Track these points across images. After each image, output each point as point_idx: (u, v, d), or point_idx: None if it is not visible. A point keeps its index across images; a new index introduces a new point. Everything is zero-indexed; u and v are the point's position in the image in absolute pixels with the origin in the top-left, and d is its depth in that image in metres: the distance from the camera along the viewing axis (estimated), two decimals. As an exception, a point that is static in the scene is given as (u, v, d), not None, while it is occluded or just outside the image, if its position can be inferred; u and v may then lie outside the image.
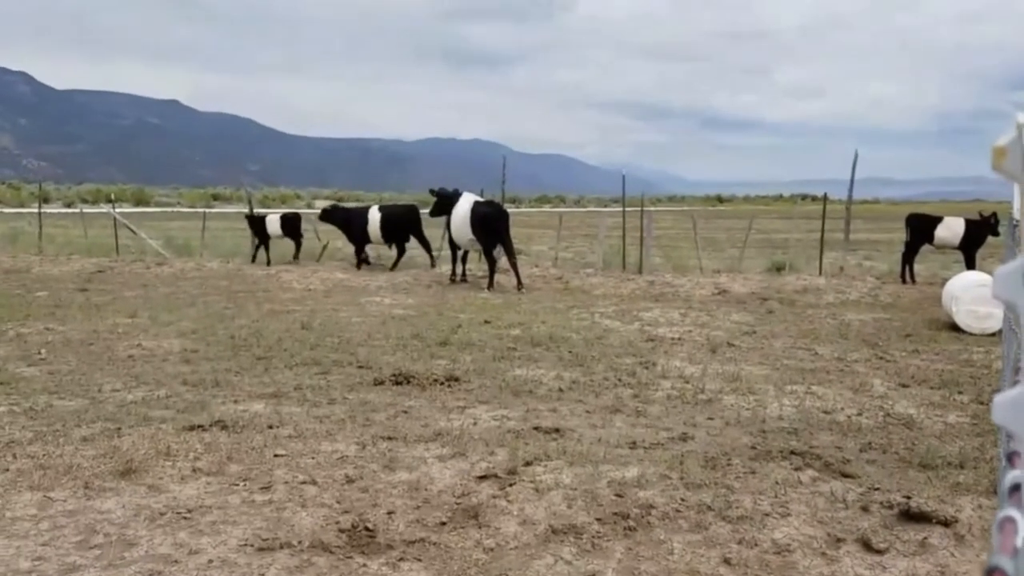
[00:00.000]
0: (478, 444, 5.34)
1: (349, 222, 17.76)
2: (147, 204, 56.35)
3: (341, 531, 3.95)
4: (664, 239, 26.14)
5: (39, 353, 8.20)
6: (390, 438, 5.46)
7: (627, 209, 19.37)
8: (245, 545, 3.78)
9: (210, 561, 3.62)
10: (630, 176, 19.22)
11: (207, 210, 26.14)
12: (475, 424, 5.86)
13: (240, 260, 18.40)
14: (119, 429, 5.54)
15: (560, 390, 6.96)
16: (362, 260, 17.71)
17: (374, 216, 17.42)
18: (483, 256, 16.06)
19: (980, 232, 15.23)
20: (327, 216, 18.21)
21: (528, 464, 4.88)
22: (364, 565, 3.63)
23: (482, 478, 4.69)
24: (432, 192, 16.43)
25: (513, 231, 15.73)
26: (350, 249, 20.63)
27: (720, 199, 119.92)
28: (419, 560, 3.69)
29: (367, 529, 3.96)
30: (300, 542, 3.82)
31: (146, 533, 3.92)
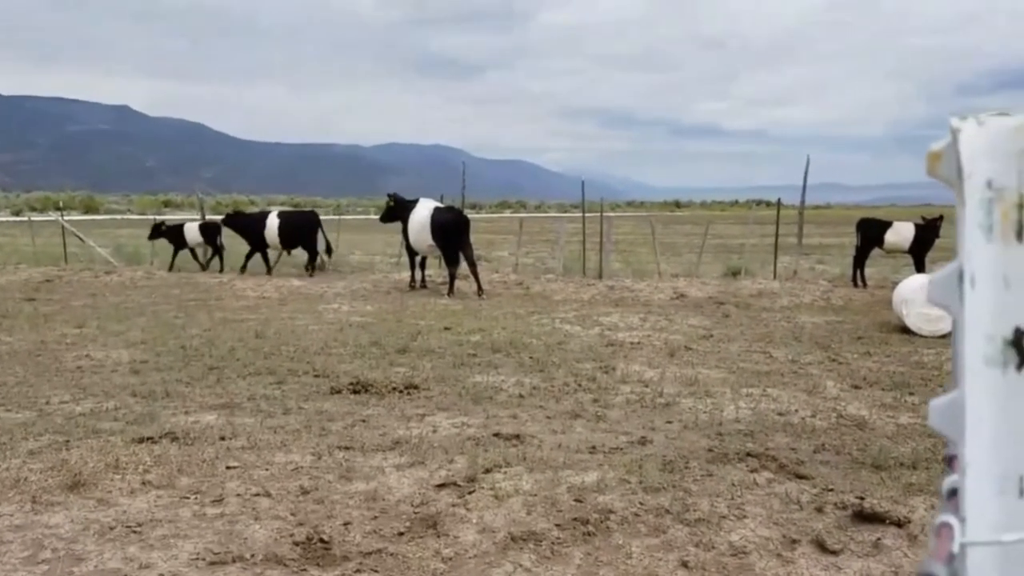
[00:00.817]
0: (437, 452, 5.29)
1: (247, 228, 17.69)
2: (97, 211, 55.18)
3: (296, 544, 3.87)
4: (624, 244, 26.33)
5: (-17, 365, 7.96)
6: (347, 448, 5.39)
7: (587, 215, 19.47)
8: (197, 559, 3.69)
9: (161, 575, 3.54)
10: (596, 183, 19.49)
11: (158, 217, 25.66)
12: (434, 432, 5.81)
13: (193, 268, 18.10)
14: (67, 442, 5.39)
15: (520, 396, 6.94)
16: (261, 267, 17.77)
17: (272, 222, 17.40)
18: (443, 262, 16.02)
19: (928, 236, 15.60)
20: (228, 222, 18.07)
21: (488, 471, 4.85)
22: (319, 577, 3.56)
23: (441, 486, 4.65)
24: (389, 197, 16.40)
25: (474, 237, 15.73)
26: (304, 257, 20.42)
27: (678, 204, 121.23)
28: (376, 571, 3.63)
29: (322, 541, 3.90)
30: (253, 555, 3.74)
31: (95, 548, 3.81)
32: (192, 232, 18.05)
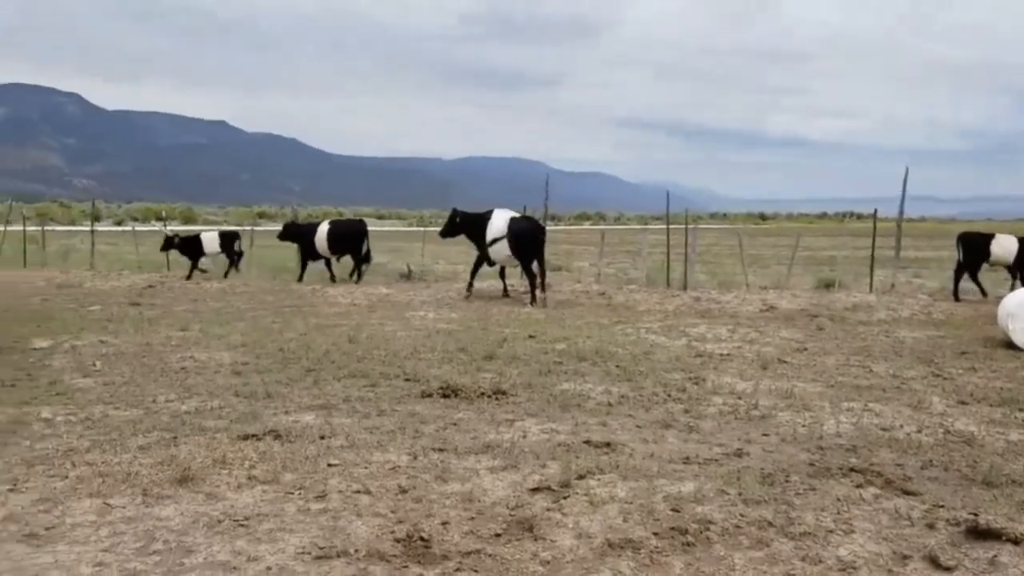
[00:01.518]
0: (529, 457, 5.31)
1: (301, 237, 18.15)
2: (195, 222, 57.46)
3: (397, 540, 3.94)
4: (707, 256, 25.93)
5: (94, 365, 8.35)
6: (441, 449, 5.45)
7: (671, 226, 19.29)
8: (303, 553, 3.79)
9: (269, 568, 3.63)
10: (674, 195, 19.14)
11: (253, 228, 26.56)
12: (524, 437, 5.83)
13: (288, 276, 18.62)
14: (175, 438, 5.61)
15: (609, 404, 6.91)
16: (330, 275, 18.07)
17: (322, 230, 17.83)
18: (521, 272, 16.07)
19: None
20: (285, 233, 18.63)
21: (581, 477, 4.84)
22: (421, 574, 3.61)
23: (535, 490, 4.66)
24: (454, 211, 16.42)
25: (555, 248, 15.77)
26: (394, 265, 20.80)
27: (763, 216, 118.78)
28: (475, 571, 3.66)
29: (422, 539, 3.95)
30: (356, 551, 3.81)
31: (204, 540, 3.94)
32: (211, 241, 18.53)
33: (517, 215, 15.77)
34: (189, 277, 18.18)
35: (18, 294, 15.16)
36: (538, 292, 14.92)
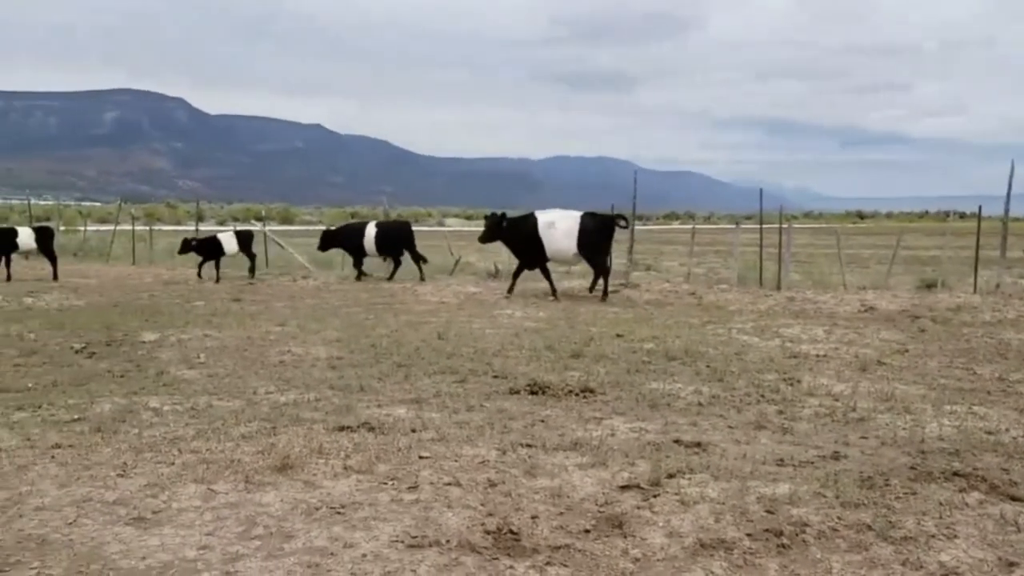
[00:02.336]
0: (617, 455, 5.29)
1: (349, 238, 18.58)
2: (292, 222, 59.28)
3: (487, 533, 3.99)
4: (801, 256, 25.23)
5: (198, 357, 8.72)
6: (529, 445, 5.49)
7: (764, 226, 18.86)
8: (396, 541, 3.88)
9: (364, 555, 3.73)
10: (767, 193, 18.68)
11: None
12: (613, 435, 5.81)
13: (380, 274, 19.02)
14: (274, 428, 5.82)
15: (699, 404, 6.82)
16: (360, 273, 18.39)
17: (370, 231, 18.17)
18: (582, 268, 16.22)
19: None
20: (332, 234, 19.17)
21: (671, 476, 4.80)
22: (511, 567, 3.65)
23: (624, 488, 4.64)
24: (498, 216, 16.02)
25: (643, 248, 15.67)
26: (483, 264, 21.01)
27: (861, 216, 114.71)
28: (565, 566, 3.67)
29: (512, 532, 3.99)
30: (448, 541, 3.88)
31: (303, 526, 4.08)
32: (229, 242, 18.84)
33: (577, 212, 15.68)
34: (199, 276, 18.43)
35: (128, 290, 15.96)
36: (608, 292, 15.22)
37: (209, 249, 18.76)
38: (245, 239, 19.19)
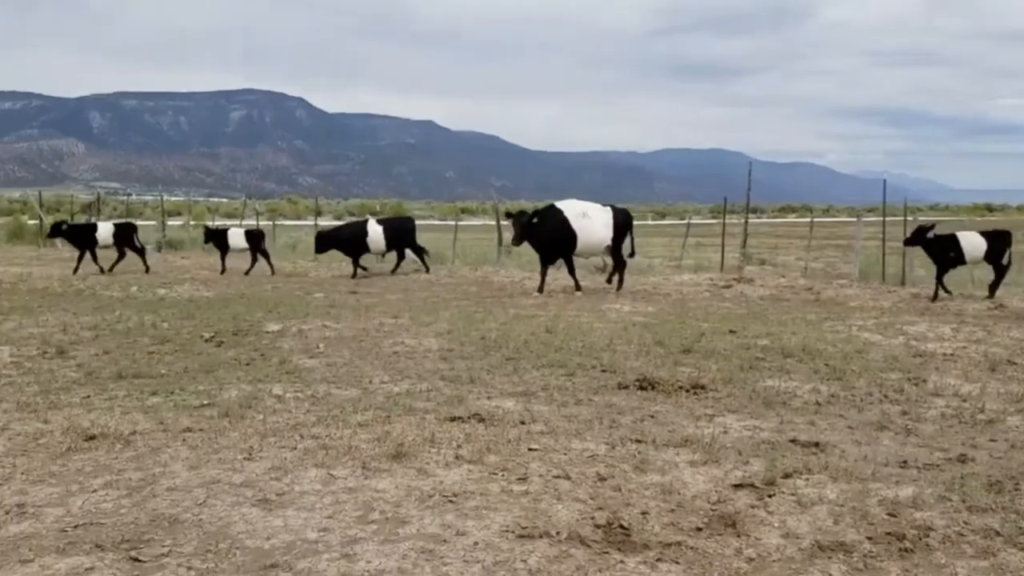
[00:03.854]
0: (730, 453, 5.19)
1: (341, 241, 18.68)
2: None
3: (597, 526, 3.99)
4: (928, 249, 23.99)
5: (318, 347, 9.05)
6: (638, 440, 5.45)
7: (887, 218, 18.06)
8: (507, 531, 3.93)
9: (476, 543, 3.80)
10: (889, 184, 17.87)
11: (457, 222, 27.71)
12: (725, 432, 5.70)
13: (488, 268, 19.25)
14: (389, 417, 5.98)
15: (817, 403, 6.60)
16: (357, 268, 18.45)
17: (374, 230, 18.34)
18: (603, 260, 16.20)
19: None
20: (329, 234, 19.28)
21: (788, 476, 4.67)
22: (621, 561, 3.64)
23: (738, 487, 4.55)
24: (521, 215, 15.27)
25: (757, 241, 15.28)
26: (584, 260, 20.94)
27: (990, 208, 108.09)
28: (677, 563, 3.63)
29: (622, 527, 3.98)
30: (558, 533, 3.90)
31: (417, 513, 4.18)
32: (236, 238, 19.01)
33: (596, 204, 15.53)
34: (223, 271, 18.70)
35: (252, 282, 16.71)
36: (623, 282, 15.39)
37: (219, 241, 19.45)
38: (255, 238, 19.71)
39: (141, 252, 18.88)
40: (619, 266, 15.54)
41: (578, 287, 15.12)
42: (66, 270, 18.16)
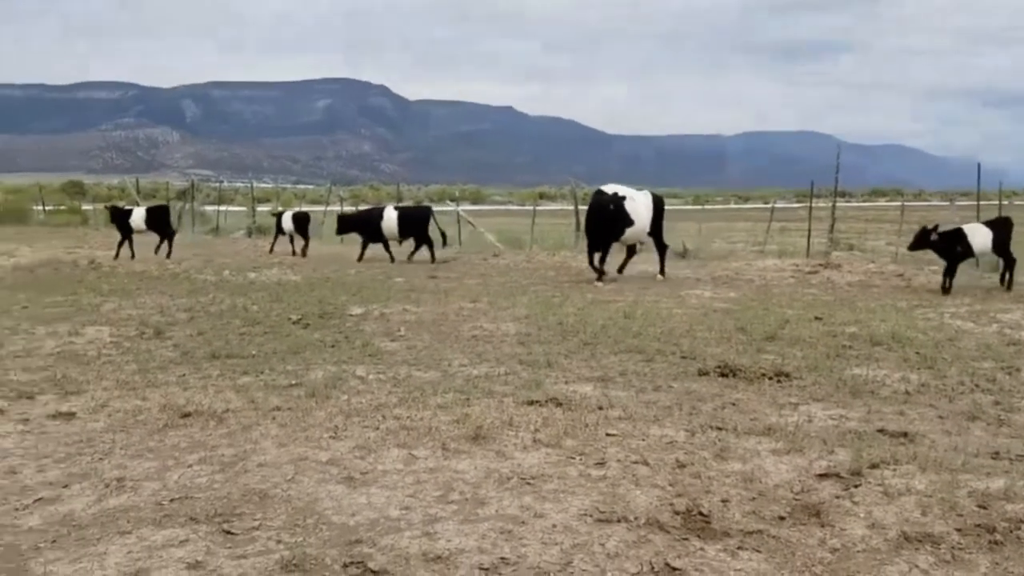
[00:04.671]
0: (815, 442, 5.09)
1: (367, 223, 19.12)
2: (483, 202, 61.05)
3: (676, 513, 3.98)
4: (1027, 234, 22.93)
5: (399, 331, 9.23)
6: (719, 428, 5.39)
7: (982, 203, 17.31)
8: (585, 515, 3.96)
9: (554, 526, 3.84)
10: (987, 168, 17.09)
11: (535, 207, 27.78)
12: (810, 421, 5.59)
13: (566, 253, 19.23)
14: (468, 399, 6.07)
15: (907, 392, 6.40)
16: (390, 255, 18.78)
17: (390, 216, 18.58)
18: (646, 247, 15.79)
19: None
20: (348, 219, 20.20)
21: (874, 466, 4.56)
22: (701, 548, 3.62)
23: (822, 476, 4.46)
24: (606, 194, 14.79)
25: (846, 226, 14.83)
26: (670, 244, 20.71)
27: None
28: (758, 551, 3.60)
29: (702, 514, 3.95)
30: (636, 518, 3.91)
31: (496, 494, 4.25)
32: (138, 219, 18.88)
33: (627, 188, 15.20)
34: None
35: (337, 267, 17.11)
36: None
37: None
38: (301, 222, 20.68)
39: (170, 236, 18.93)
40: (661, 251, 15.42)
41: (601, 276, 14.38)
42: (151, 254, 18.61)
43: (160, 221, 18.84)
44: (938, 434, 5.29)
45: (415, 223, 18.91)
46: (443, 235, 19.63)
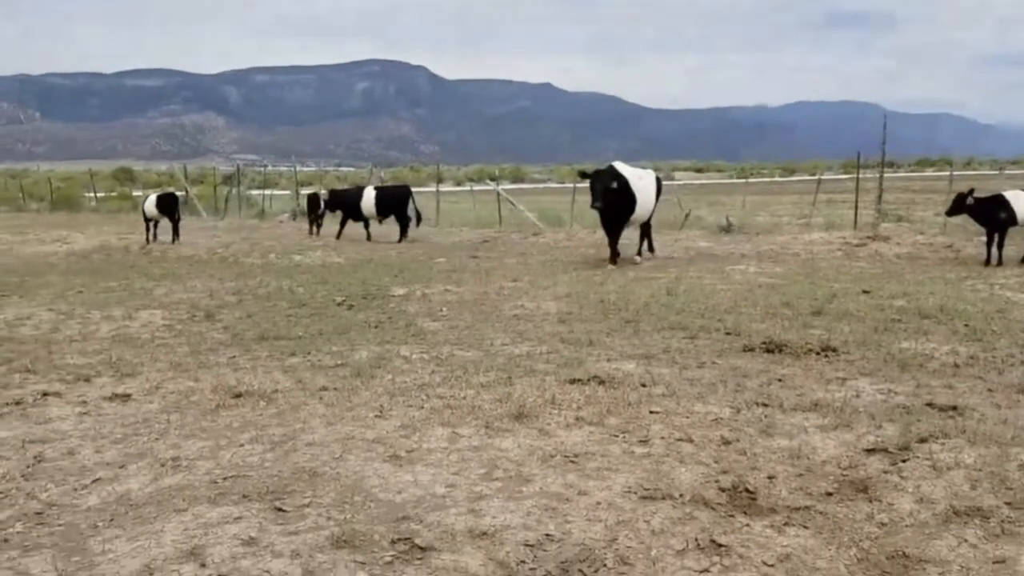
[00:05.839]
0: (862, 417, 5.03)
1: (347, 202, 19.49)
2: (523, 181, 60.92)
3: (721, 490, 3.97)
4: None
5: (441, 311, 9.30)
6: (764, 404, 5.36)
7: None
8: (629, 492, 3.97)
9: (598, 503, 3.86)
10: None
11: (576, 185, 27.58)
12: (857, 396, 5.53)
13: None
14: (510, 378, 6.10)
15: (956, 365, 6.29)
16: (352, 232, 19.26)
17: (369, 195, 18.83)
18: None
19: None
20: (330, 198, 20.48)
21: (923, 441, 4.50)
22: (747, 525, 3.62)
23: (870, 451, 4.42)
24: (604, 175, 13.63)
25: (893, 197, 14.53)
26: (712, 218, 20.51)
27: None
28: (805, 527, 3.58)
29: (747, 491, 3.94)
30: (681, 495, 3.91)
31: (539, 472, 4.28)
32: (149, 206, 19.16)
33: (638, 169, 14.68)
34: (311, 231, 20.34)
35: (376, 248, 17.25)
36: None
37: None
38: (313, 202, 21.01)
39: (176, 221, 19.00)
40: (648, 234, 14.92)
41: (614, 259, 13.71)
42: (211, 240, 19.09)
43: (169, 208, 19.09)
44: (988, 407, 5.20)
45: (393, 202, 19.12)
46: (418, 216, 19.91)
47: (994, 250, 12.79)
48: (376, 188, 19.84)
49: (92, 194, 38.49)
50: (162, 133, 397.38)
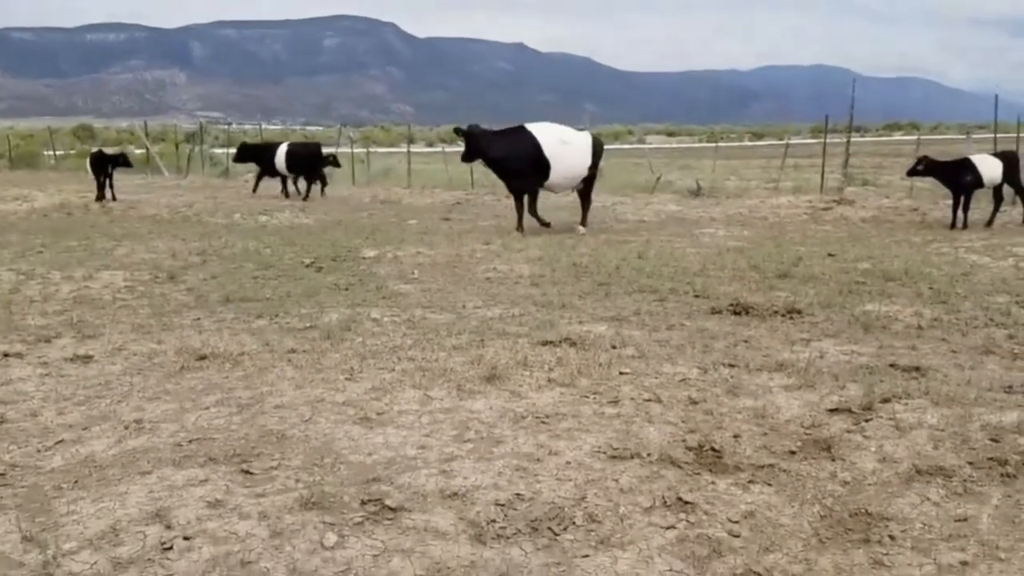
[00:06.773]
0: (826, 377, 5.11)
1: (261, 156, 19.75)
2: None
3: (688, 449, 4.02)
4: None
5: (413, 273, 9.26)
6: (731, 365, 5.42)
7: (999, 135, 17.00)
8: (598, 452, 4.00)
9: (568, 463, 3.89)
10: (1008, 101, 16.77)
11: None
12: (822, 357, 5.61)
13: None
14: (482, 340, 6.10)
15: (919, 327, 6.40)
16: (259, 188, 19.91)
17: (281, 150, 19.02)
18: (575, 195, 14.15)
19: None
20: (244, 151, 20.84)
21: (886, 401, 4.58)
22: (713, 483, 3.67)
23: (833, 411, 4.49)
24: (468, 131, 13.20)
25: (861, 161, 14.65)
26: (683, 182, 20.55)
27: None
28: (769, 484, 3.64)
29: (713, 449, 4.00)
30: (649, 454, 3.95)
31: (511, 433, 4.29)
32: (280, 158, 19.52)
33: (571, 129, 13.83)
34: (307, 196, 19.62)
35: (349, 209, 17.10)
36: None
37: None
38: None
39: (105, 179, 18.43)
40: (588, 203, 13.90)
41: (521, 226, 13.02)
42: (173, 199, 18.80)
43: (95, 166, 18.63)
44: (951, 368, 5.30)
45: (303, 159, 19.21)
46: (324, 180, 20.27)
47: (960, 213, 12.97)
48: (288, 144, 19.91)
49: (52, 152, 37.61)
50: (123, 89, 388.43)
